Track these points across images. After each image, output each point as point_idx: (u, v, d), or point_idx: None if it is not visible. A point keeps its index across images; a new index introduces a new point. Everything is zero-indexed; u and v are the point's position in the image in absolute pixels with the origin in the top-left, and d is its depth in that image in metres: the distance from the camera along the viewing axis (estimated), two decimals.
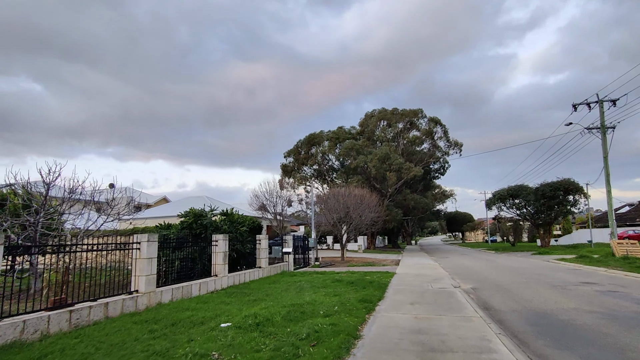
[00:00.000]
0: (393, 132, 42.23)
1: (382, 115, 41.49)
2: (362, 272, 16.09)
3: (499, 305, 8.90)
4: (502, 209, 45.06)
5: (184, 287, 9.74)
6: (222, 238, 11.99)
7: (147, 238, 8.55)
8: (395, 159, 36.23)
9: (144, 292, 8.30)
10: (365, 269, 18.13)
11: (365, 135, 42.23)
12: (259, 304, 8.45)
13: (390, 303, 8.78)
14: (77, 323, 6.60)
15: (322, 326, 6.04)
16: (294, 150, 41.90)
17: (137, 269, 8.46)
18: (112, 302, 7.39)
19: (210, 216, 15.01)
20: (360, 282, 12.09)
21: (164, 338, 5.61)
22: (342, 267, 19.43)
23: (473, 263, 22.51)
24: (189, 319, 6.89)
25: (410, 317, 7.17)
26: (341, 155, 40.04)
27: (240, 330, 5.83)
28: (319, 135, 41.41)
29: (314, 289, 10.76)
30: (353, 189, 26.31)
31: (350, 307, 7.85)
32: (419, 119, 42.31)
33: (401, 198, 38.92)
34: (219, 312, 7.45)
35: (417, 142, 41.98)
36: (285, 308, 7.49)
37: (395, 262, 22.65)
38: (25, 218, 11.63)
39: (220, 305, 8.25)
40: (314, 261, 22.67)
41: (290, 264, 17.93)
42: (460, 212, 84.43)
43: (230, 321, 6.52)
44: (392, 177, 35.96)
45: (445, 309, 8.04)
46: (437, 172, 48.51)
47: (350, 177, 37.06)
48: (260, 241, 15.32)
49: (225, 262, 11.95)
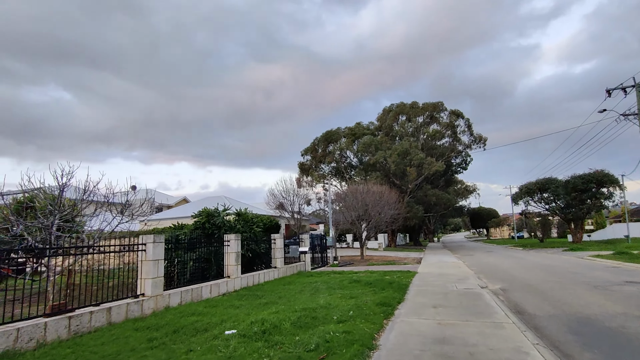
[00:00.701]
0: (412, 126, 41.02)
1: (401, 109, 40.35)
2: (382, 271, 15.39)
3: (533, 308, 8.06)
4: (529, 204, 43.10)
5: (194, 290, 9.37)
6: (234, 238, 11.58)
7: (152, 239, 8.20)
8: (416, 154, 35.13)
9: (150, 296, 7.94)
10: (385, 268, 17.40)
11: (384, 130, 41.22)
12: (270, 307, 7.95)
13: (411, 306, 8.09)
14: (77, 330, 6.27)
15: (335, 334, 5.45)
16: (311, 148, 41.37)
17: (143, 271, 8.12)
18: (115, 306, 7.05)
19: (223, 216, 14.69)
20: (379, 282, 11.42)
21: (162, 348, 5.17)
22: (361, 267, 18.77)
23: (500, 261, 21.36)
24: (193, 325, 6.45)
25: (433, 323, 6.48)
26: (359, 152, 39.21)
27: (245, 339, 5.32)
28: (336, 132, 40.70)
29: (330, 291, 10.18)
30: (372, 186, 25.55)
31: (367, 311, 7.22)
32: (439, 113, 40.91)
33: (422, 194, 37.77)
34: (226, 318, 6.98)
35: (438, 136, 40.60)
36: (297, 313, 6.94)
37: (417, 261, 21.78)
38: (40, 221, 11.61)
39: (229, 310, 7.79)
40: (333, 260, 22.10)
41: (307, 263, 17.43)
42: (484, 208, 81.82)
43: (236, 328, 6.03)
44: (412, 172, 34.89)
45: (472, 313, 7.29)
46: (459, 166, 46.92)
47: (368, 174, 36.24)
48: (275, 240, 14.87)
49: (238, 262, 11.54)
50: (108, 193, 13.73)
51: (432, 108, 40.00)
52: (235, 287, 11.17)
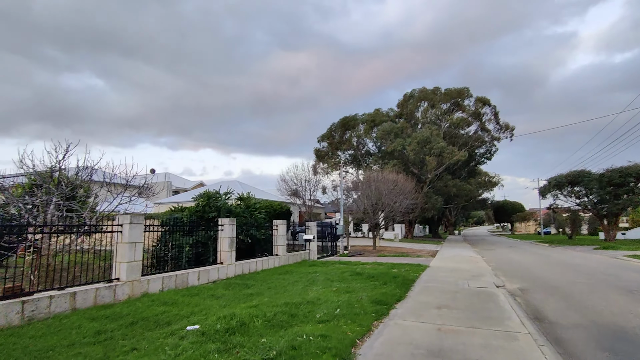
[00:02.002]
0: (435, 113, 39.08)
1: (423, 95, 38.42)
2: (391, 263, 14.40)
3: (555, 315, 6.92)
4: (558, 198, 40.53)
5: (179, 276, 8.73)
6: (229, 222, 10.88)
7: (129, 219, 7.55)
8: (437, 142, 33.42)
9: (125, 281, 7.33)
10: (396, 260, 16.38)
11: (404, 117, 39.49)
12: (253, 299, 7.18)
13: (411, 306, 7.12)
14: (32, 316, 5.69)
15: (308, 338, 4.59)
16: (328, 135, 40.25)
17: (118, 254, 7.51)
18: (81, 291, 6.45)
19: (224, 199, 14.05)
20: (383, 276, 10.46)
21: (105, 344, 4.46)
22: (370, 257, 17.82)
23: (522, 257, 19.86)
24: (158, 316, 5.75)
25: (431, 329, 5.51)
26: (378, 139, 37.80)
27: (201, 339, 4.54)
28: (354, 118, 39.33)
29: (326, 283, 9.33)
30: (387, 174, 24.35)
31: (357, 309, 6.31)
32: (464, 99, 38.73)
33: (442, 184, 36.10)
34: (197, 310, 6.26)
35: (462, 124, 38.51)
36: (276, 308, 6.13)
37: (432, 254, 20.60)
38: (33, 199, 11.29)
39: (207, 300, 7.08)
40: (343, 250, 21.25)
41: (312, 252, 16.64)
42: (509, 201, 78.51)
43: (201, 323, 5.28)
44: (431, 161, 33.27)
45: (481, 317, 6.25)
46: (483, 156, 44.61)
47: (386, 162, 34.88)
48: (277, 227, 14.12)
49: (232, 248, 10.85)
50: (111, 174, 13.36)
51: (456, 94, 37.89)
52: (227, 275, 10.51)
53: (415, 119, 40.20)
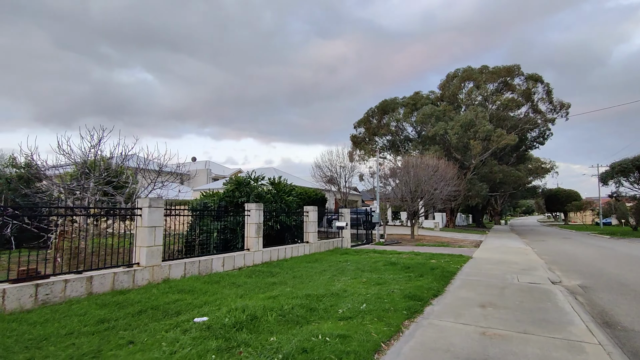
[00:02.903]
0: (481, 94, 36.35)
1: (467, 75, 35.81)
2: (429, 253, 13.39)
3: (630, 320, 5.74)
4: (621, 185, 36.68)
5: (202, 262, 8.43)
6: (255, 207, 10.46)
7: (148, 203, 7.28)
8: (483, 125, 31.09)
9: (145, 266, 7.10)
10: (435, 250, 15.30)
11: (446, 100, 37.15)
12: (274, 289, 6.66)
13: (450, 303, 6.25)
14: (47, 300, 5.54)
15: (325, 339, 3.95)
16: (365, 120, 38.91)
17: (138, 238, 7.28)
18: (98, 276, 6.26)
19: (254, 184, 13.71)
20: (419, 267, 9.58)
21: (103, 335, 4.11)
22: (407, 247, 16.85)
23: (580, 249, 17.88)
24: (169, 305, 5.38)
25: (474, 332, 4.65)
26: (417, 123, 35.96)
27: (205, 333, 4.05)
28: (393, 101, 37.61)
29: (356, 273, 8.64)
30: (427, 159, 22.94)
31: (387, 305, 5.57)
32: (513, 78, 35.61)
33: (487, 171, 33.72)
34: (212, 299, 5.83)
35: (511, 105, 35.50)
36: (296, 300, 5.54)
37: (475, 244, 19.17)
38: (70, 184, 11.59)
39: (225, 289, 6.66)
40: (379, 238, 20.40)
41: (346, 240, 15.98)
42: (563, 189, 72.56)
43: (211, 314, 4.82)
44: (476, 146, 31.05)
45: (535, 320, 5.27)
46: (535, 141, 41.13)
47: (426, 147, 33.13)
48: (307, 213, 13.58)
49: (259, 235, 10.45)
50: (146, 160, 13.51)
51: (505, 72, 34.90)
52: (254, 262, 10.14)
53: (458, 101, 37.72)
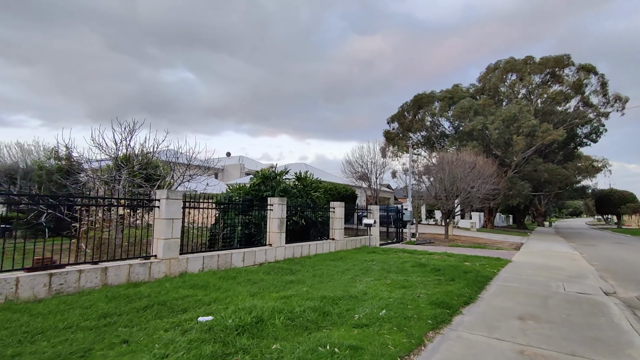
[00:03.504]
0: (525, 87, 33.97)
1: (510, 66, 33.53)
2: (463, 255, 12.51)
3: None
4: None
5: (221, 256, 8.24)
6: (278, 202, 10.16)
7: (166, 194, 7.15)
8: (527, 119, 29.02)
9: (162, 259, 6.99)
10: (470, 251, 14.33)
11: (487, 93, 35.09)
12: (290, 288, 6.29)
13: (483, 312, 5.57)
14: (60, 289, 5.51)
15: (333, 349, 3.50)
16: (399, 115, 37.65)
17: (156, 230, 7.18)
18: (113, 267, 6.19)
19: (280, 178, 13.45)
20: (451, 270, 8.85)
21: (100, 331, 3.90)
22: (440, 247, 15.95)
23: (636, 256, 16.10)
24: (178, 301, 5.15)
25: (510, 350, 4.01)
26: (455, 118, 34.23)
27: (204, 336, 3.73)
28: (429, 95, 36.07)
29: (381, 274, 8.09)
30: (463, 155, 21.70)
31: (410, 312, 5.02)
32: (562, 69, 32.94)
33: (530, 169, 31.52)
34: (223, 296, 5.55)
35: (559, 98, 32.88)
36: (310, 302, 5.13)
37: (516, 246, 17.85)
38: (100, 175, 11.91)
39: (239, 286, 6.37)
40: (410, 237, 19.58)
41: (374, 238, 15.38)
42: (617, 190, 66.80)
43: (217, 313, 4.51)
44: (519, 142, 29.07)
45: (585, 339, 4.51)
46: (587, 137, 37.95)
47: (463, 143, 31.50)
48: (334, 209, 13.13)
49: (282, 230, 10.15)
50: (186, 155, 13.71)
51: (553, 63, 32.34)
52: (276, 257, 9.85)
53: (499, 94, 35.54)
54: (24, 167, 19.16)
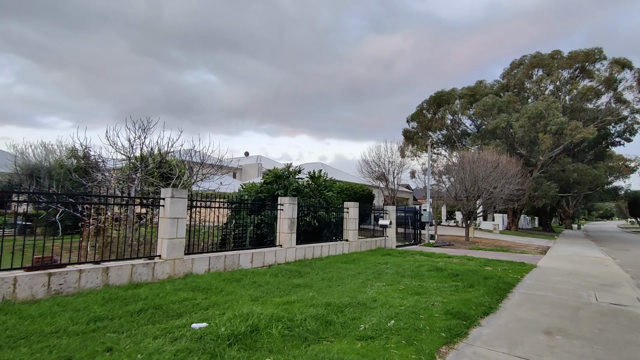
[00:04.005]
0: (553, 82, 32.44)
1: (537, 61, 32.06)
2: (484, 259, 11.87)
3: None
4: None
5: (228, 257, 8.01)
6: (289, 201, 9.86)
7: (170, 193, 6.96)
8: (555, 116, 27.69)
9: (166, 259, 6.80)
10: (491, 255, 13.62)
11: (511, 89, 33.76)
12: (294, 293, 5.97)
13: (504, 325, 5.07)
14: (60, 290, 5.37)
15: None
16: (418, 114, 36.74)
17: (160, 230, 7.01)
18: (115, 267, 6.04)
19: (293, 177, 13.17)
20: (470, 275, 8.32)
21: (87, 337, 3.68)
22: (459, 250, 15.29)
23: None
24: (175, 305, 4.92)
25: None
26: (477, 115, 33.12)
27: (193, 345, 3.45)
28: (449, 93, 35.02)
29: (394, 278, 7.66)
30: (485, 154, 20.84)
31: (422, 323, 4.59)
32: (593, 64, 31.28)
33: (557, 168, 30.08)
34: (223, 300, 5.29)
35: (590, 94, 31.24)
36: (314, 309, 4.79)
37: (541, 250, 16.93)
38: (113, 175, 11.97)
39: (243, 289, 6.09)
40: (429, 239, 18.92)
41: (390, 239, 14.88)
42: None
43: (213, 320, 4.24)
44: (546, 140, 27.77)
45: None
46: (620, 136, 35.91)
47: (486, 142, 30.40)
48: (348, 209, 12.73)
49: (292, 230, 9.85)
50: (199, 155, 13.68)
51: (583, 57, 30.73)
52: (286, 259, 9.56)
53: (524, 91, 34.14)
54: (47, 166, 19.65)
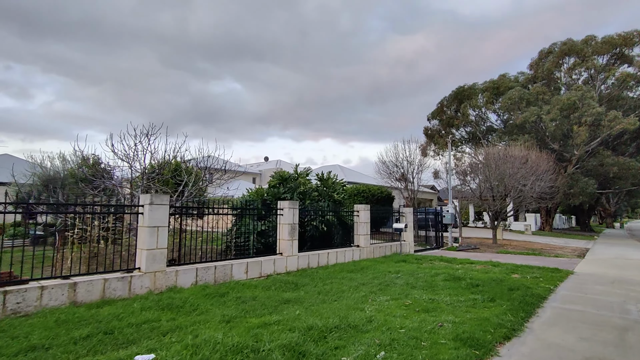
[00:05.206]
0: (587, 70, 30.06)
1: (568, 48, 29.75)
2: (512, 265, 10.63)
3: None
4: None
5: (219, 268, 7.34)
6: (289, 206, 9.12)
7: (149, 199, 6.38)
8: (591, 107, 25.57)
9: (145, 272, 6.20)
10: (521, 259, 12.29)
11: (539, 81, 31.63)
12: (278, 312, 5.19)
13: (530, 355, 4.04)
14: (17, 309, 4.85)
15: None
16: (439, 111, 35.10)
17: (139, 240, 6.43)
18: (84, 282, 5.47)
19: (300, 180, 12.44)
20: (492, 285, 7.24)
21: None
22: (485, 254, 14.00)
23: None
24: (129, 329, 4.25)
25: None
26: (503, 110, 31.21)
27: None
28: (471, 87, 33.20)
29: (402, 291, 6.72)
30: (512, 150, 19.32)
31: (422, 354, 3.69)
32: (632, 48, 28.75)
33: (595, 163, 27.73)
34: (190, 322, 4.57)
35: (629, 81, 28.71)
36: (291, 335, 3.99)
37: (579, 253, 15.30)
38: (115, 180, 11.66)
39: (219, 308, 5.36)
40: (452, 242, 17.64)
41: (407, 244, 13.81)
42: None
43: (162, 351, 3.53)
44: (581, 133, 25.64)
45: None
46: None
47: (514, 138, 28.51)
48: (358, 212, 11.83)
49: (293, 237, 9.09)
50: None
51: (621, 41, 28.24)
52: (287, 268, 8.80)
53: (555, 82, 31.91)
54: (62, 176, 19.90)
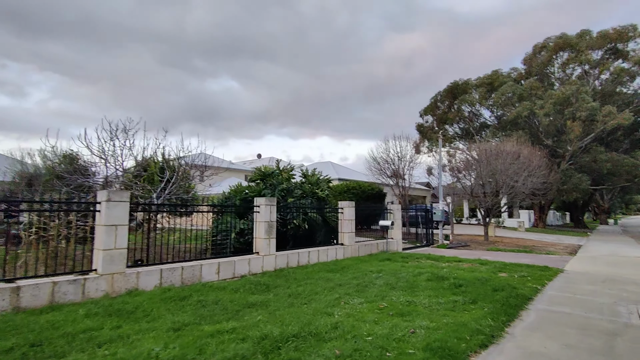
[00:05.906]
0: (581, 65, 29.75)
1: (562, 42, 29.40)
2: (500, 263, 10.26)
3: None
4: None
5: (186, 269, 6.89)
6: (265, 202, 8.68)
7: (107, 196, 5.91)
8: (585, 101, 25.30)
9: (102, 274, 5.75)
10: (511, 257, 11.95)
11: (533, 76, 31.30)
12: (238, 318, 4.77)
13: None
14: None
15: None
16: (432, 107, 34.71)
17: (96, 239, 5.97)
18: (29, 286, 5.01)
19: (282, 177, 12.01)
20: (477, 285, 6.86)
21: None
22: (475, 252, 13.66)
23: None
24: (60, 341, 3.81)
25: None
26: (496, 105, 30.87)
27: None
28: (465, 83, 32.83)
29: (380, 292, 6.31)
30: (503, 145, 18.98)
31: None
32: (627, 43, 28.46)
33: (589, 159, 27.49)
34: (133, 331, 4.12)
35: (624, 76, 28.48)
36: (240, 345, 3.57)
37: (571, 250, 15.00)
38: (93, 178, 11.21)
39: (174, 314, 4.91)
40: (442, 239, 17.30)
41: (395, 242, 13.42)
42: None
43: None
44: (575, 128, 25.37)
45: None
46: None
47: (507, 134, 28.22)
48: (343, 210, 11.41)
49: (270, 235, 8.65)
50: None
51: (616, 36, 27.94)
52: (263, 268, 8.37)
53: (548, 77, 31.62)
54: (42, 173, 19.34)
